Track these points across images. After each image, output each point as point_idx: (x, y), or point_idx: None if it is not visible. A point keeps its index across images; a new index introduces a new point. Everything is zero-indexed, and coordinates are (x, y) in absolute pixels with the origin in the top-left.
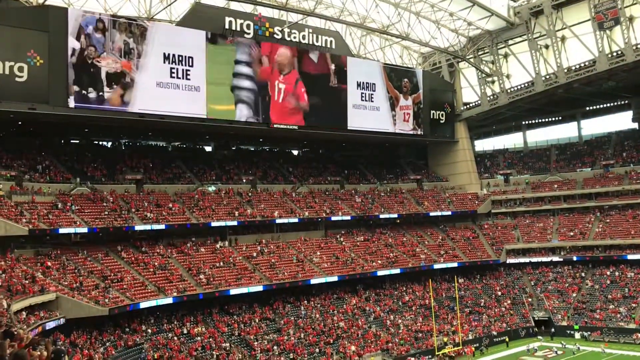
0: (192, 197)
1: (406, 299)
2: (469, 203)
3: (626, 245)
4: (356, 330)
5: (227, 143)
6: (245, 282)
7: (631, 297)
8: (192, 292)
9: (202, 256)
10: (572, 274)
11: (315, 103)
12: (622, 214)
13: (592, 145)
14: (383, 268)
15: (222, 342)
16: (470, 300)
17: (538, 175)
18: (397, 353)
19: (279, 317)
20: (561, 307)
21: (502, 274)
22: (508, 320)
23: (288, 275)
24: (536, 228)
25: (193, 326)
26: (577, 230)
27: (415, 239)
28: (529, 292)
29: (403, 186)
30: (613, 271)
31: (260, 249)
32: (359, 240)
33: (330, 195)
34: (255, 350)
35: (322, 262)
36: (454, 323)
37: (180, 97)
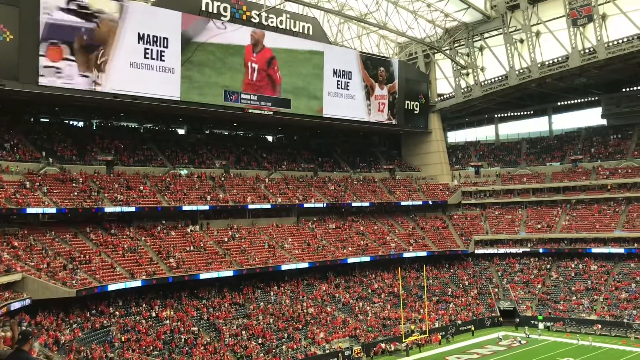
0: (164, 180)
1: (375, 287)
2: (440, 193)
3: (591, 239)
4: (325, 317)
5: (201, 127)
6: (215, 267)
7: (594, 289)
8: (162, 276)
9: (173, 240)
10: (538, 265)
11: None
12: (588, 208)
13: (562, 140)
14: (354, 255)
15: (191, 326)
16: (438, 289)
17: (508, 168)
18: (365, 340)
19: (249, 302)
20: (526, 298)
21: (470, 264)
22: (474, 309)
23: (259, 261)
24: (505, 220)
25: (162, 310)
26: (545, 223)
27: (386, 227)
28: (496, 282)
29: (376, 175)
30: (577, 264)
31: (231, 234)
32: (330, 228)
33: (304, 182)
34: (224, 335)
35: (294, 248)
36: (422, 311)
37: (154, 78)
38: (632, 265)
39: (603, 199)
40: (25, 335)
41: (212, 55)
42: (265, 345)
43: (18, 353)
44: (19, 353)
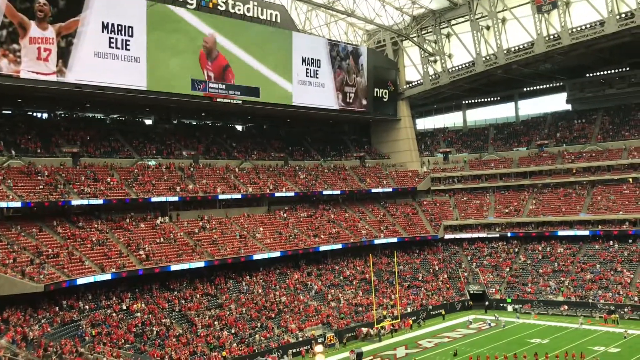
0: (132, 171)
1: (347, 274)
2: (410, 180)
3: (557, 222)
4: (298, 305)
5: (168, 116)
6: (186, 258)
7: (560, 271)
8: (132, 268)
9: (142, 232)
10: (506, 249)
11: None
12: (554, 192)
13: (528, 125)
14: (325, 243)
15: (163, 318)
16: (409, 275)
17: (476, 154)
18: (338, 326)
19: (221, 292)
20: (495, 282)
21: (440, 249)
22: (445, 293)
23: (230, 251)
24: (473, 205)
25: (132, 302)
26: (512, 208)
27: (357, 215)
28: (465, 266)
29: (346, 163)
30: (544, 247)
31: (202, 225)
32: (302, 216)
33: (275, 171)
34: (197, 326)
35: (265, 237)
36: (393, 297)
37: (119, 68)
38: (597, 247)
39: (568, 183)
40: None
41: (178, 43)
42: (239, 335)
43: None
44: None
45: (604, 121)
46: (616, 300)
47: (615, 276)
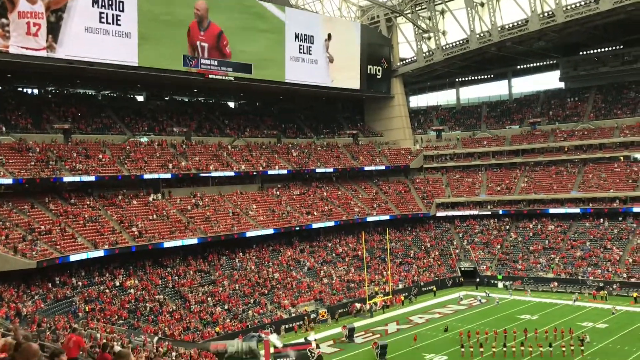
0: (124, 148)
1: (339, 251)
2: (402, 158)
3: (548, 200)
4: (291, 281)
5: (160, 93)
6: (179, 235)
7: (551, 248)
8: (125, 245)
9: (135, 209)
10: (498, 226)
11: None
12: (546, 170)
13: (521, 103)
14: (318, 221)
15: (156, 294)
16: (400, 252)
17: (469, 132)
18: (330, 302)
19: (214, 269)
20: (486, 258)
21: (432, 227)
22: (436, 270)
23: (223, 228)
24: (465, 183)
25: (125, 279)
26: (504, 185)
27: (349, 192)
28: (457, 244)
29: (339, 141)
30: (535, 224)
31: (195, 202)
32: (295, 194)
33: (267, 148)
34: (190, 302)
35: (258, 215)
36: (385, 273)
37: (110, 43)
38: (587, 224)
39: (560, 161)
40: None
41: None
42: (232, 311)
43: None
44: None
45: (597, 99)
46: (605, 277)
47: (605, 253)
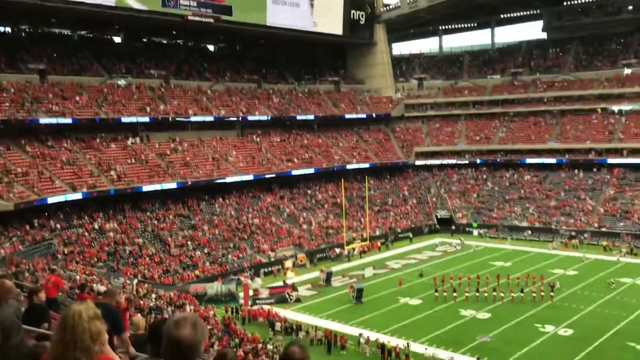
0: (101, 90)
1: (319, 198)
2: (384, 106)
3: (526, 150)
4: (270, 227)
5: (138, 34)
6: (158, 180)
7: (526, 198)
8: (103, 188)
9: (113, 152)
10: (475, 176)
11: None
12: (525, 120)
13: (504, 53)
14: (298, 168)
15: (135, 238)
16: (379, 200)
17: (450, 81)
18: (309, 247)
19: (194, 214)
20: (462, 207)
21: (410, 175)
22: (413, 218)
23: (203, 174)
24: (445, 132)
25: (105, 222)
26: (483, 135)
27: (330, 140)
28: (434, 192)
29: (321, 87)
30: (512, 174)
31: (174, 147)
32: (275, 141)
33: (247, 94)
34: (170, 246)
35: (238, 161)
36: (363, 220)
37: None
38: (563, 175)
39: (539, 112)
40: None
41: None
42: (212, 254)
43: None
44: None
45: (578, 51)
46: (577, 227)
47: (579, 203)
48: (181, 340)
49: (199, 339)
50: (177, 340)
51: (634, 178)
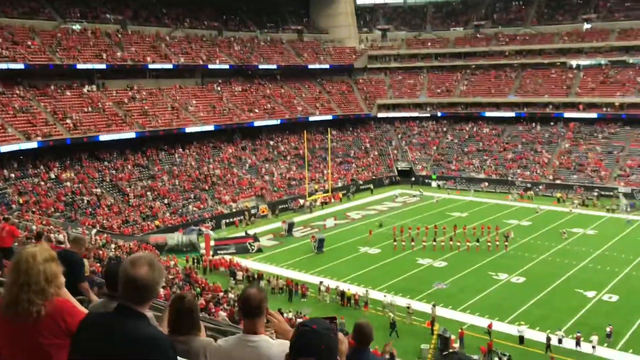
0: (54, 35)
1: (281, 149)
2: (347, 57)
3: (486, 103)
4: (231, 178)
5: None
6: (116, 129)
7: (484, 150)
8: (59, 137)
9: (69, 100)
10: (435, 128)
11: None
12: (486, 74)
13: (467, 5)
14: (260, 119)
15: (93, 188)
16: (341, 151)
17: (414, 32)
18: (271, 199)
19: (153, 164)
20: (422, 159)
21: (372, 127)
22: (374, 170)
23: (162, 123)
24: (407, 84)
25: (61, 171)
26: (444, 88)
27: (293, 91)
28: (395, 144)
29: (283, 36)
30: (472, 127)
31: (132, 95)
32: (236, 90)
33: (208, 41)
34: (128, 196)
35: (199, 111)
36: (325, 172)
37: None
38: (521, 128)
39: (500, 65)
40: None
41: None
42: (172, 205)
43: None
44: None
45: (541, 4)
46: (533, 179)
47: (535, 156)
48: (137, 280)
49: (156, 279)
50: (133, 280)
51: (589, 132)
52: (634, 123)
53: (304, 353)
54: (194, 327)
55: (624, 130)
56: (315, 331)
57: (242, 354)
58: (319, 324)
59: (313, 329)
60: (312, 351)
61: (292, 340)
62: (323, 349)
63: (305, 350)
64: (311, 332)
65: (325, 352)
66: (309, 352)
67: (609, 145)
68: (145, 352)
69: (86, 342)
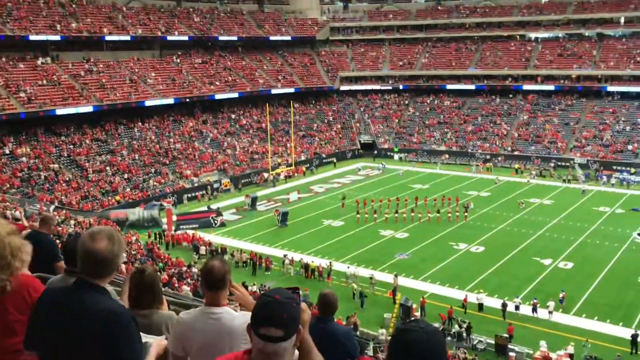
0: (4, 4)
1: (243, 122)
2: (309, 29)
3: (447, 76)
4: (193, 152)
5: None
6: (72, 102)
7: (445, 123)
8: (13, 111)
9: (22, 73)
10: (398, 101)
11: None
12: (446, 46)
13: None
14: (221, 92)
15: (50, 163)
16: (304, 125)
17: (376, 4)
18: (233, 173)
19: (112, 138)
20: (385, 132)
21: (335, 100)
22: (337, 143)
23: (120, 97)
24: (369, 57)
25: (16, 147)
26: (406, 61)
27: (254, 63)
28: (358, 117)
29: (244, 7)
30: (433, 99)
31: (88, 68)
32: (196, 63)
33: (166, 12)
34: (87, 171)
35: (158, 83)
36: (288, 145)
37: None
38: (481, 100)
39: (461, 38)
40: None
41: None
42: (132, 180)
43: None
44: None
45: None
46: (492, 151)
47: (494, 128)
48: (97, 253)
49: (115, 252)
50: (92, 253)
51: (546, 104)
52: (590, 95)
53: (266, 323)
54: (155, 300)
55: (580, 102)
56: (277, 301)
57: (204, 326)
58: (281, 294)
59: (275, 298)
60: (274, 321)
61: (254, 311)
62: (285, 318)
63: (267, 320)
64: (273, 302)
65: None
66: (271, 322)
67: (566, 117)
68: (105, 326)
69: (44, 317)
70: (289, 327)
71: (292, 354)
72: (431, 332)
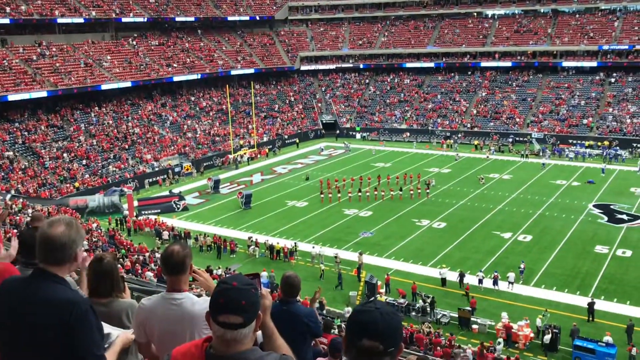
0: None
1: (203, 105)
2: (267, 8)
3: (406, 54)
4: (152, 136)
5: None
6: (25, 88)
7: (405, 101)
8: None
9: None
10: (358, 80)
11: None
12: (405, 24)
13: None
14: (180, 74)
15: (5, 151)
16: (265, 106)
17: None
18: (195, 156)
19: (68, 124)
20: (346, 112)
21: (296, 81)
22: (299, 123)
23: (75, 81)
24: (329, 36)
25: None
26: (366, 40)
27: (212, 44)
28: (319, 97)
29: None
30: (393, 78)
31: (40, 52)
32: (153, 45)
33: None
34: (44, 158)
35: (114, 66)
36: (250, 127)
37: None
38: (440, 78)
39: (419, 16)
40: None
41: None
42: (91, 166)
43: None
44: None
45: None
46: (452, 128)
47: (454, 105)
48: (54, 238)
49: (73, 238)
50: (50, 239)
51: (504, 80)
52: (545, 71)
53: (225, 310)
54: (114, 289)
55: (536, 78)
56: (235, 288)
57: (165, 312)
58: (239, 281)
59: (233, 285)
60: (233, 308)
61: (212, 298)
62: (244, 305)
63: (225, 307)
64: (231, 289)
65: (246, 308)
66: (229, 309)
67: (523, 92)
68: (62, 316)
69: (1, 307)
70: (248, 314)
71: (253, 339)
72: (386, 313)
